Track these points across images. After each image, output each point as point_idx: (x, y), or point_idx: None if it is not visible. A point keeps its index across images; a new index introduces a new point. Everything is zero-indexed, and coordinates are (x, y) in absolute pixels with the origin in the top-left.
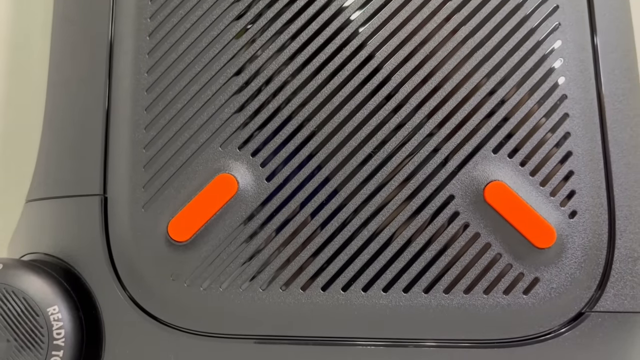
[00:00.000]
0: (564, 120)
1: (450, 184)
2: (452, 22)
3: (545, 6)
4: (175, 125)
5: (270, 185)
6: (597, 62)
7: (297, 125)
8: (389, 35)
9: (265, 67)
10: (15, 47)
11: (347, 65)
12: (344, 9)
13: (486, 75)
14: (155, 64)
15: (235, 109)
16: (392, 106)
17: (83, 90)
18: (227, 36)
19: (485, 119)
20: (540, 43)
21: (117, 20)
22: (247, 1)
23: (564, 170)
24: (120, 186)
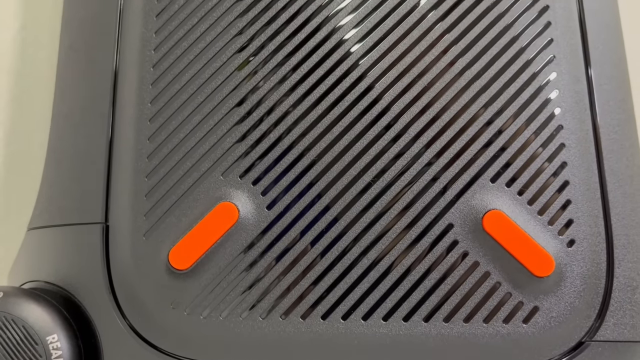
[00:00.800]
0: (561, 150)
1: (449, 213)
2: (449, 54)
3: (540, 39)
4: (178, 154)
5: (270, 214)
6: (592, 94)
7: (298, 154)
8: (388, 66)
9: (267, 97)
10: (21, 75)
11: (347, 96)
12: (344, 41)
13: (484, 106)
14: (158, 94)
15: (237, 138)
16: (391, 136)
17: (87, 119)
18: (230, 68)
19: (483, 149)
20: (536, 75)
21: (121, 51)
22: (250, 34)
23: (562, 199)
24: (121, 214)
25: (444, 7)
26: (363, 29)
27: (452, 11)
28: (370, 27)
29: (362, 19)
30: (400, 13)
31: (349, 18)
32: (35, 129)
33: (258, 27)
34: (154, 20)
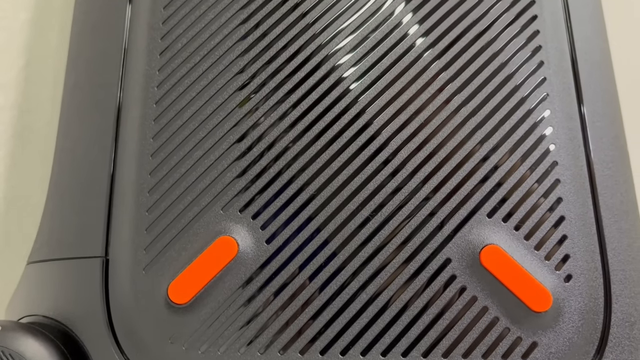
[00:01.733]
0: (556, 186)
1: (446, 248)
2: (446, 91)
3: (534, 78)
4: (179, 189)
5: (269, 248)
6: (585, 131)
7: (297, 189)
8: (385, 103)
9: (267, 133)
10: (24, 111)
11: (346, 132)
12: (343, 79)
13: (480, 142)
14: (160, 130)
15: (237, 173)
16: (389, 171)
17: (90, 154)
18: (231, 105)
19: (480, 184)
20: (531, 112)
21: (125, 88)
22: (251, 72)
23: (558, 234)
24: (122, 248)
25: (441, 46)
26: (361, 67)
27: (448, 50)
28: (368, 66)
29: (360, 57)
30: (397, 52)
31: (348, 57)
32: (36, 164)
33: (259, 65)
34: (158, 58)
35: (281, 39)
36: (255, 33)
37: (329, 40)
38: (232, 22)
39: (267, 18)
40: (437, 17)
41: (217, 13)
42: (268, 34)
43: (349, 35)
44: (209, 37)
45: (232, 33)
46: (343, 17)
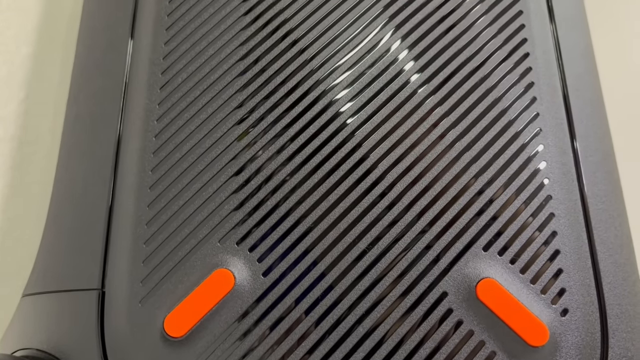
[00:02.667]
0: (550, 220)
1: (443, 281)
2: (441, 126)
3: (527, 113)
4: (176, 221)
5: (266, 281)
6: (579, 165)
7: (294, 221)
8: (382, 137)
9: (265, 166)
10: (23, 143)
11: (342, 165)
12: (340, 113)
13: (474, 176)
14: (159, 163)
15: (235, 206)
16: (385, 204)
17: (88, 186)
18: (229, 138)
19: (475, 218)
20: (525, 146)
21: (125, 121)
22: (249, 107)
23: (553, 268)
24: (118, 281)
25: (436, 82)
26: (358, 102)
27: (443, 86)
28: (365, 101)
29: (357, 92)
30: (393, 88)
31: (345, 92)
32: (34, 196)
33: (258, 99)
34: (158, 92)
35: (280, 74)
36: (254, 68)
37: (326, 75)
38: (232, 57)
39: (266, 54)
40: (432, 53)
41: (217, 49)
42: (267, 69)
43: (346, 71)
44: (208, 72)
45: (231, 68)
46: (340, 54)
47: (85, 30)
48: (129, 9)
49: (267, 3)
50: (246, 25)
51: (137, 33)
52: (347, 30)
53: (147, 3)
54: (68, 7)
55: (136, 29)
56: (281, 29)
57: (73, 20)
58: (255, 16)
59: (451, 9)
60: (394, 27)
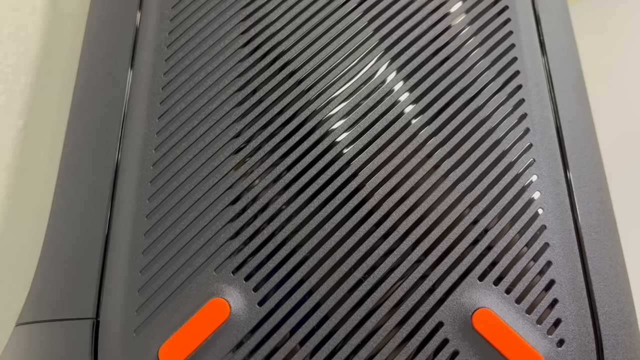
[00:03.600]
0: (545, 249)
1: (438, 311)
2: (436, 156)
3: (521, 144)
4: (172, 250)
5: (262, 310)
6: (572, 195)
7: (290, 250)
8: (377, 167)
9: (261, 196)
10: (19, 171)
11: (338, 195)
12: (336, 143)
13: (469, 206)
14: (156, 191)
15: (231, 235)
16: (380, 233)
17: (85, 214)
18: (226, 167)
19: (470, 247)
20: (519, 177)
21: (123, 150)
22: (247, 136)
23: (549, 298)
24: (113, 310)
25: (430, 113)
26: (354, 133)
27: (438, 116)
28: (360, 131)
29: (353, 123)
30: (389, 118)
31: (341, 122)
32: (29, 224)
33: (255, 129)
34: (156, 121)
35: (277, 105)
36: (252, 99)
37: (323, 106)
38: (230, 88)
39: (263, 85)
40: (427, 85)
41: (215, 80)
42: (264, 99)
43: (342, 102)
44: (207, 103)
45: (229, 99)
46: (337, 85)
47: (86, 60)
48: (129, 40)
49: (266, 35)
50: (244, 57)
51: (137, 63)
52: (343, 62)
53: (147, 34)
54: (68, 37)
55: (136, 60)
56: (279, 61)
57: (73, 50)
58: (254, 48)
59: (445, 41)
60: (389, 59)
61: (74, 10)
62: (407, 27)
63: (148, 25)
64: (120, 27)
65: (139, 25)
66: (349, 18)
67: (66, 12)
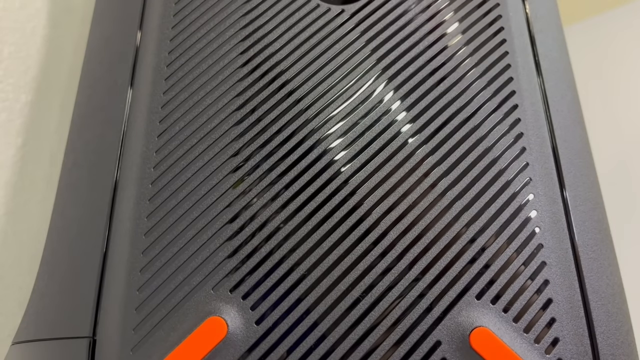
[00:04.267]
0: (542, 268)
1: (436, 330)
2: (432, 175)
3: (517, 163)
4: (170, 268)
5: (259, 329)
6: (569, 214)
7: (288, 269)
8: (375, 186)
9: (259, 214)
10: (18, 189)
11: (336, 213)
12: (334, 162)
13: (466, 224)
14: (155, 209)
15: (229, 253)
16: (378, 252)
17: (83, 233)
18: (225, 186)
19: (468, 266)
20: (515, 195)
21: (122, 168)
22: (245, 155)
23: (546, 317)
24: (110, 328)
25: (427, 132)
26: (351, 151)
27: (435, 135)
28: (358, 150)
29: (350, 142)
30: (386, 137)
31: (339, 141)
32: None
33: (253, 148)
34: (155, 140)
35: (275, 124)
36: (251, 118)
37: (321, 125)
38: (229, 107)
39: (262, 104)
40: (423, 104)
41: (214, 98)
42: (263, 118)
43: (340, 121)
44: (205, 121)
45: (228, 117)
46: (335, 104)
47: (86, 78)
48: (129, 59)
49: (264, 55)
50: (243, 76)
51: (137, 82)
52: (341, 82)
53: (147, 54)
54: (68, 56)
55: (136, 79)
56: (277, 80)
57: (73, 69)
58: (252, 68)
59: (442, 62)
60: (386, 78)
61: (74, 30)
62: (404, 47)
63: (148, 44)
64: (120, 46)
65: (139, 45)
66: (347, 38)
67: (67, 32)
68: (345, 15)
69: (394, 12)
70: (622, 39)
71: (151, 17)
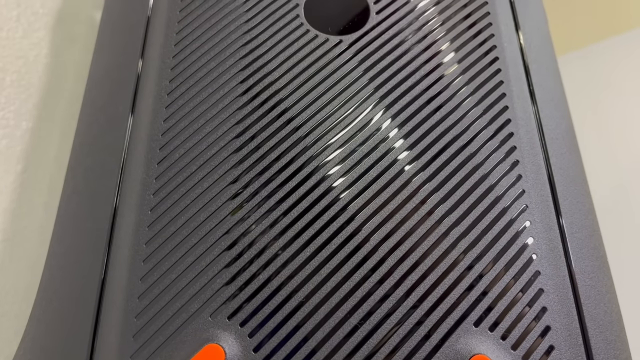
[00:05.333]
0: (540, 295)
1: (435, 357)
2: (430, 202)
3: (514, 190)
4: (168, 295)
5: (257, 357)
6: (565, 241)
7: (286, 296)
8: (372, 213)
9: (257, 240)
10: (17, 216)
11: (334, 240)
12: (332, 189)
13: (464, 251)
14: (154, 236)
15: (227, 280)
16: (376, 279)
17: (82, 260)
18: (223, 212)
19: (465, 293)
20: (512, 222)
21: (122, 194)
22: (244, 182)
23: (545, 345)
24: (107, 356)
25: (424, 159)
26: (349, 179)
27: (432, 163)
28: (356, 177)
29: (348, 169)
30: (383, 164)
31: (337, 168)
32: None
33: (252, 175)
34: (155, 167)
35: (274, 151)
36: (250, 145)
37: (319, 152)
38: (228, 135)
39: (261, 131)
40: (420, 132)
41: (214, 126)
42: (262, 146)
43: (338, 149)
44: (205, 149)
45: (227, 145)
46: (333, 132)
47: (88, 106)
48: (130, 87)
49: (264, 84)
50: (243, 105)
51: (138, 110)
52: (339, 110)
53: (148, 82)
54: (69, 84)
55: (137, 106)
56: (277, 108)
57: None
58: (252, 96)
59: (438, 90)
60: (384, 107)
61: (76, 58)
62: (401, 76)
63: (149, 73)
64: (122, 74)
65: (141, 73)
66: (345, 67)
67: (69, 60)
68: (344, 45)
69: (391, 42)
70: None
71: (153, 46)
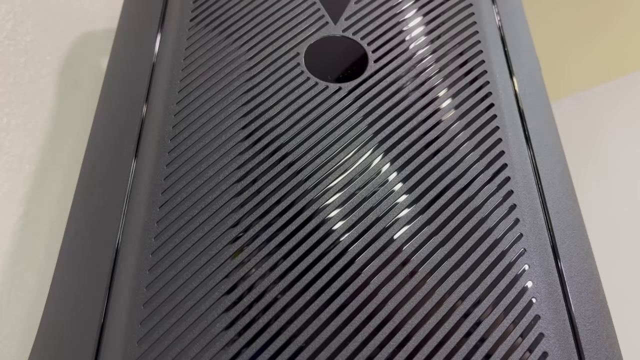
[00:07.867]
0: (540, 340)
1: None
2: (429, 245)
3: (512, 234)
4: (168, 339)
5: None
6: (564, 285)
7: (285, 341)
8: (371, 256)
9: (257, 284)
10: (15, 260)
11: (334, 284)
12: (332, 232)
13: (462, 297)
14: (154, 279)
15: (226, 324)
16: (376, 323)
17: (82, 302)
18: (224, 256)
19: (464, 339)
20: (511, 266)
21: (124, 238)
22: (244, 225)
23: None
24: None
25: (423, 203)
26: (349, 222)
27: (430, 206)
28: (355, 220)
29: (348, 212)
30: (382, 208)
31: (337, 212)
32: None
33: (252, 219)
34: (157, 210)
35: (274, 195)
36: (251, 189)
37: (319, 196)
38: (229, 179)
39: (262, 175)
40: (419, 176)
41: (215, 171)
42: (262, 189)
43: (338, 192)
44: (206, 193)
45: (228, 189)
46: (332, 176)
47: (92, 150)
48: (134, 132)
49: (265, 130)
50: (244, 150)
51: (141, 154)
52: (339, 154)
53: (151, 127)
54: (73, 129)
55: (140, 151)
56: (277, 153)
57: (77, 141)
58: (254, 141)
59: (436, 135)
60: (383, 151)
61: (81, 104)
62: (400, 122)
63: (153, 118)
64: (127, 119)
65: (145, 118)
66: (345, 114)
67: (73, 105)
68: (343, 92)
69: (389, 89)
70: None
71: (157, 93)
